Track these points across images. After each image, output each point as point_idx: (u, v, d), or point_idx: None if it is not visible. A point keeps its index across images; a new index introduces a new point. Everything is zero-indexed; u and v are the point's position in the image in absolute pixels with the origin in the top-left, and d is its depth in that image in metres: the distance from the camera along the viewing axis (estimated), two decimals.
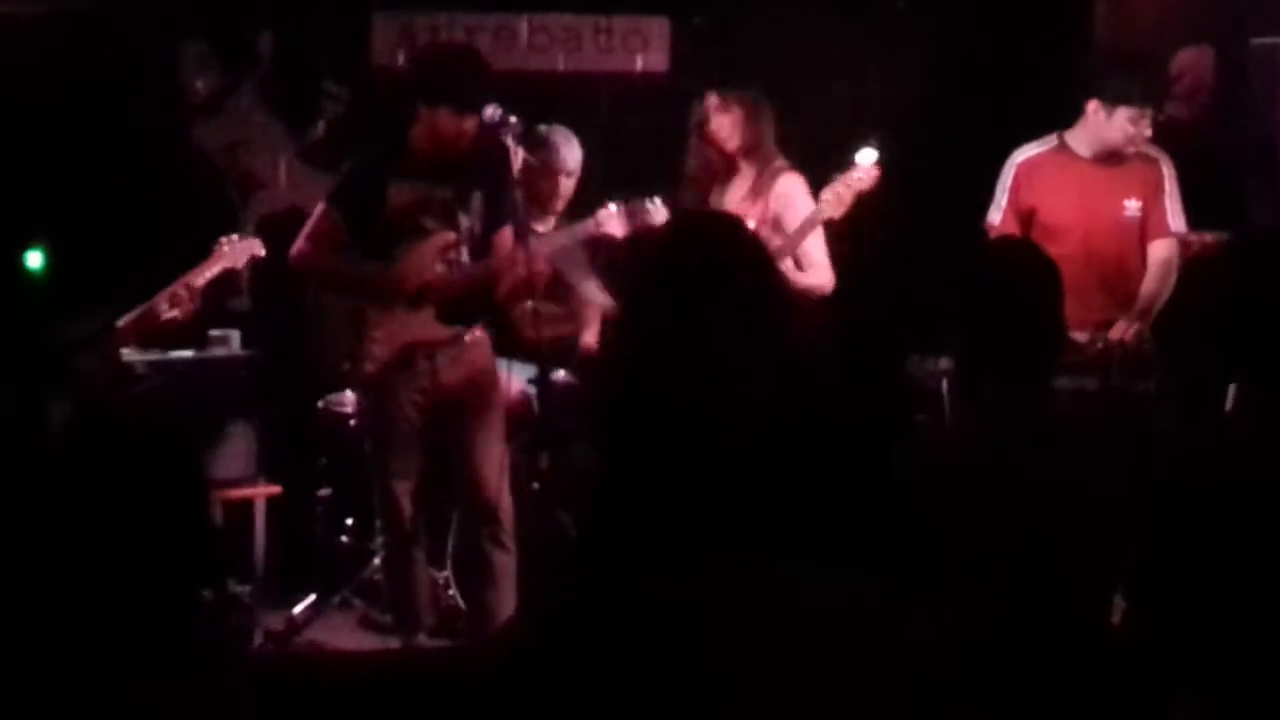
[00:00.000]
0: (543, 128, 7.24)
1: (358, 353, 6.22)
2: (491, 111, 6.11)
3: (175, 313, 6.52)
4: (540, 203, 7.19)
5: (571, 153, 7.24)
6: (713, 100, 6.92)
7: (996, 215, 6.70)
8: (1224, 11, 7.28)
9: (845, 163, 6.54)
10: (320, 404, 7.33)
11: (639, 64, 8.61)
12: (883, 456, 3.13)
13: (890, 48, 8.14)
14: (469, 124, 6.07)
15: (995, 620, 3.45)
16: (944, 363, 5.90)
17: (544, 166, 7.16)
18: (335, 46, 8.54)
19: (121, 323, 6.51)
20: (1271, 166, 6.60)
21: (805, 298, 6.59)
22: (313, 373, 7.03)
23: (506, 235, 6.29)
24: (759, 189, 6.87)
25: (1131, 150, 6.49)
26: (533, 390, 6.88)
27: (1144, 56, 7.10)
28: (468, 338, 6.27)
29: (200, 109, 8.30)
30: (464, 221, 6.20)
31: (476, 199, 6.22)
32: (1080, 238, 6.41)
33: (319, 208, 6.30)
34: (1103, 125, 6.49)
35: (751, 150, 6.91)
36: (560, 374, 7.03)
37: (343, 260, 6.23)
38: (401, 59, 8.50)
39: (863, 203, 6.52)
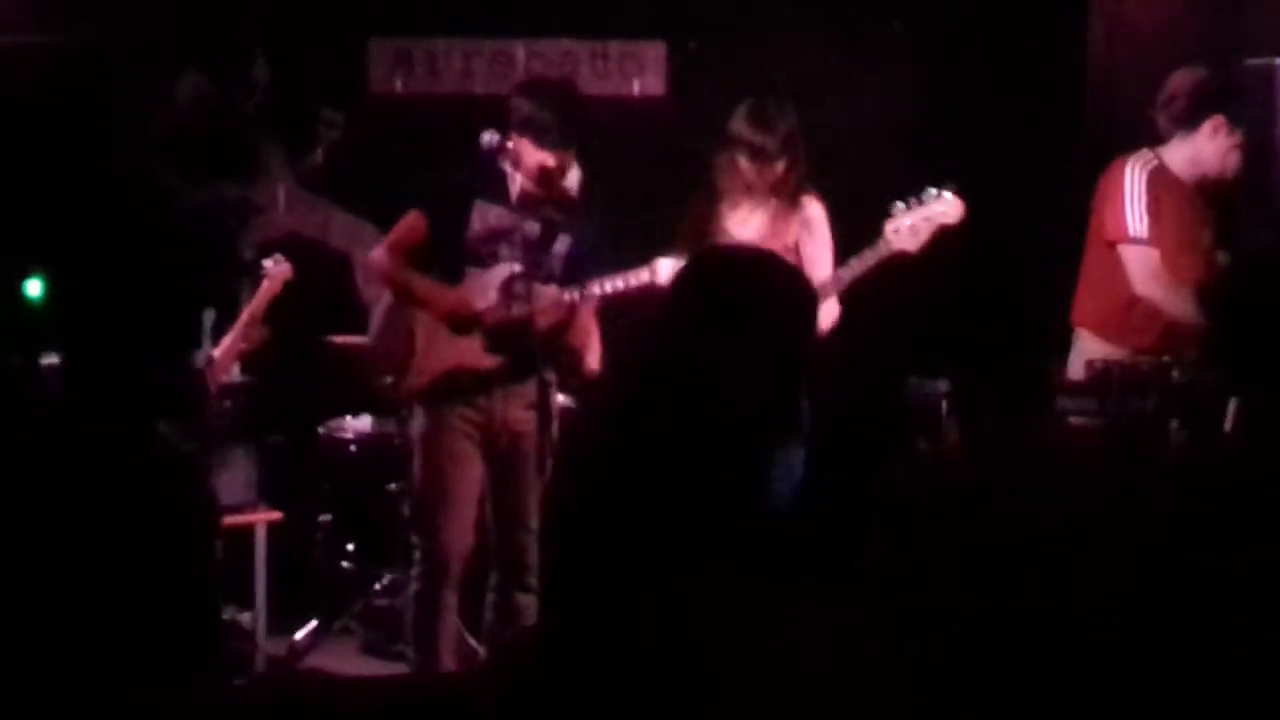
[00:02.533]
0: None
1: (406, 367, 6.09)
2: (489, 137, 6.04)
3: (245, 344, 6.59)
4: None
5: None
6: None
7: (1141, 227, 6.26)
8: (1218, 32, 7.30)
9: (908, 193, 6.23)
10: (321, 429, 7.34)
11: (636, 88, 8.63)
12: (878, 480, 3.13)
13: (887, 70, 8.15)
14: (548, 159, 5.98)
15: (986, 648, 3.46)
16: (943, 385, 5.88)
17: None
18: (332, 73, 8.56)
19: (216, 353, 6.61)
20: (1265, 187, 6.61)
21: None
22: (362, 387, 6.95)
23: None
24: (783, 212, 6.56)
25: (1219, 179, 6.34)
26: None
27: (1138, 77, 7.11)
28: (519, 374, 6.10)
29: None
30: (545, 261, 6.11)
31: (564, 243, 6.15)
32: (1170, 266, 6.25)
33: (408, 216, 6.19)
34: (1209, 147, 6.33)
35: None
36: (559, 399, 7.02)
37: (415, 274, 6.11)
38: (399, 84, 8.53)
39: (945, 238, 6.21)
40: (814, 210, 6.57)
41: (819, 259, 6.47)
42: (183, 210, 6.88)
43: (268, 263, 6.87)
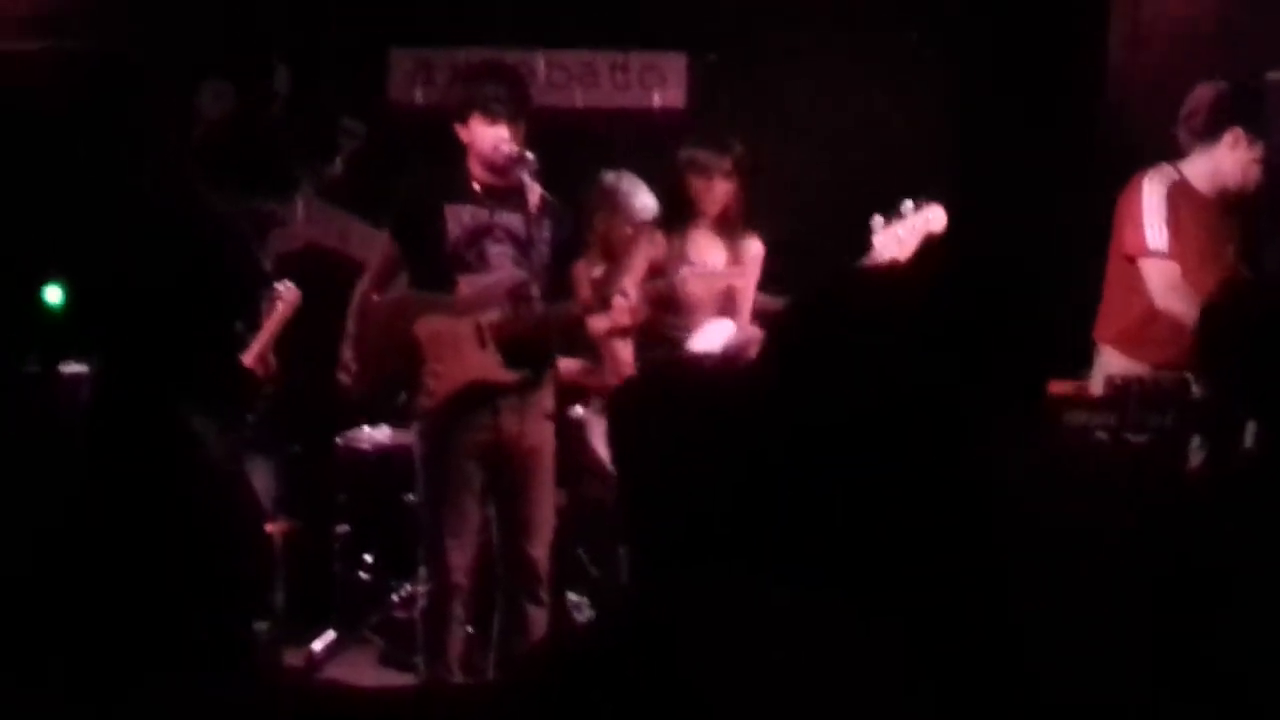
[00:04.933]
0: (610, 175, 7.22)
1: (415, 386, 6.05)
2: (508, 148, 6.05)
3: (262, 369, 6.61)
4: (606, 253, 7.08)
5: (639, 200, 7.13)
6: (724, 164, 6.61)
7: (1160, 240, 6.24)
8: (1239, 45, 7.28)
9: (893, 204, 6.29)
10: (339, 440, 7.33)
11: (656, 100, 8.64)
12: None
13: (905, 82, 8.15)
14: (503, 132, 5.95)
15: (1010, 658, 3.45)
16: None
17: (609, 216, 7.11)
18: (353, 82, 8.57)
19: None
20: None
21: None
22: (373, 404, 6.95)
23: (582, 272, 6.22)
24: (737, 252, 6.67)
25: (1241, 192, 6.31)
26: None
27: (1157, 91, 7.09)
28: (534, 383, 6.10)
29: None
30: (533, 251, 6.03)
31: (546, 227, 6.08)
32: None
33: (383, 245, 6.23)
34: (1229, 160, 6.29)
35: (730, 216, 6.68)
36: (578, 410, 7.02)
37: (405, 295, 6.11)
38: (420, 95, 8.54)
39: (931, 247, 6.25)
40: (758, 248, 6.72)
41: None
42: (210, 218, 6.88)
43: (279, 287, 6.85)
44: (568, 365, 6.67)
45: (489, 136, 5.97)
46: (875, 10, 8.33)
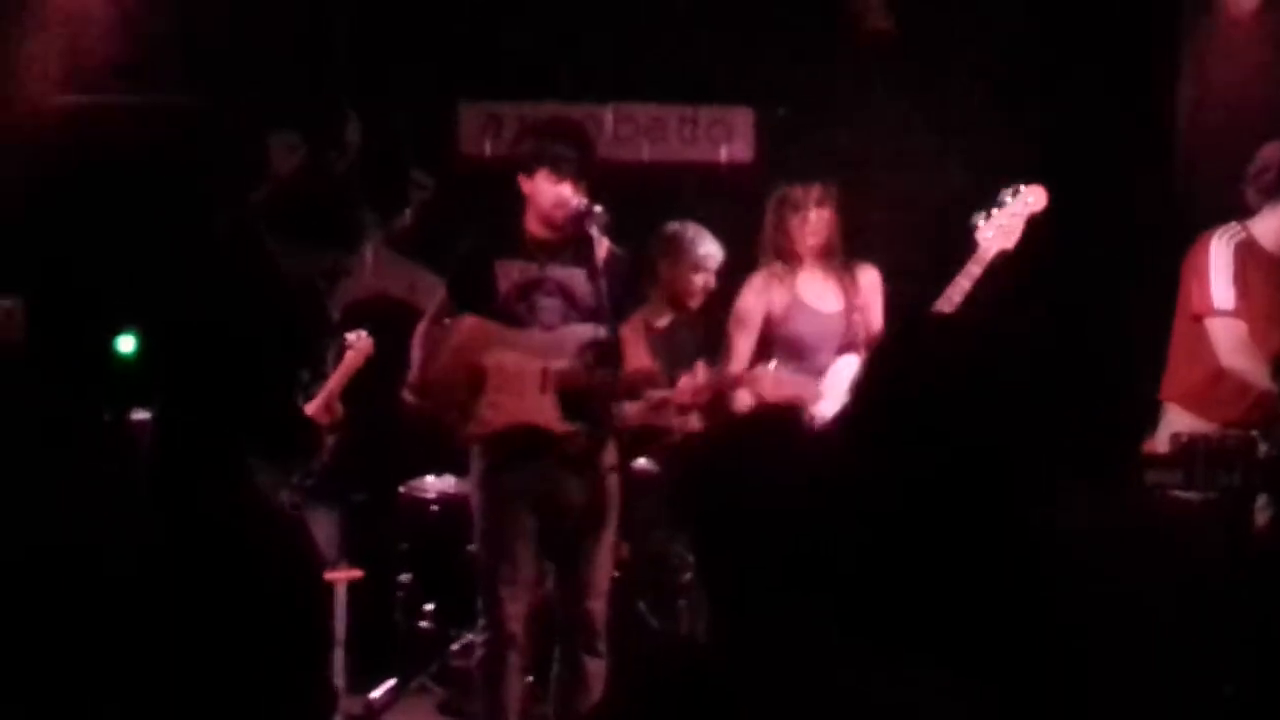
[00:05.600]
0: (674, 224, 7.25)
1: (470, 411, 6.03)
2: (576, 201, 6.07)
3: (327, 418, 6.65)
4: (672, 300, 7.17)
5: (703, 248, 7.17)
6: (814, 194, 6.76)
7: (1227, 299, 6.22)
8: None
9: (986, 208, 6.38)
10: (402, 489, 7.36)
11: (724, 154, 8.66)
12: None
13: (973, 135, 8.15)
14: (565, 190, 5.99)
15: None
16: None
17: (674, 263, 7.15)
18: (423, 135, 8.63)
19: None
20: None
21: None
22: (418, 421, 6.95)
23: (632, 340, 6.20)
24: (844, 281, 6.78)
25: None
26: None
27: (1227, 150, 7.06)
28: (591, 437, 6.07)
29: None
30: (585, 304, 6.05)
31: (579, 277, 6.07)
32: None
33: (439, 293, 6.28)
34: None
35: (832, 247, 6.81)
36: (642, 462, 7.02)
37: (482, 323, 6.09)
38: (489, 147, 8.59)
39: (1035, 227, 6.35)
40: (874, 276, 6.82)
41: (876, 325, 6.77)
42: (279, 269, 6.92)
43: (350, 336, 6.88)
44: (633, 408, 6.65)
45: (552, 193, 6.01)
46: (944, 64, 8.33)
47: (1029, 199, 6.33)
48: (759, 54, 8.53)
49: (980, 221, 6.31)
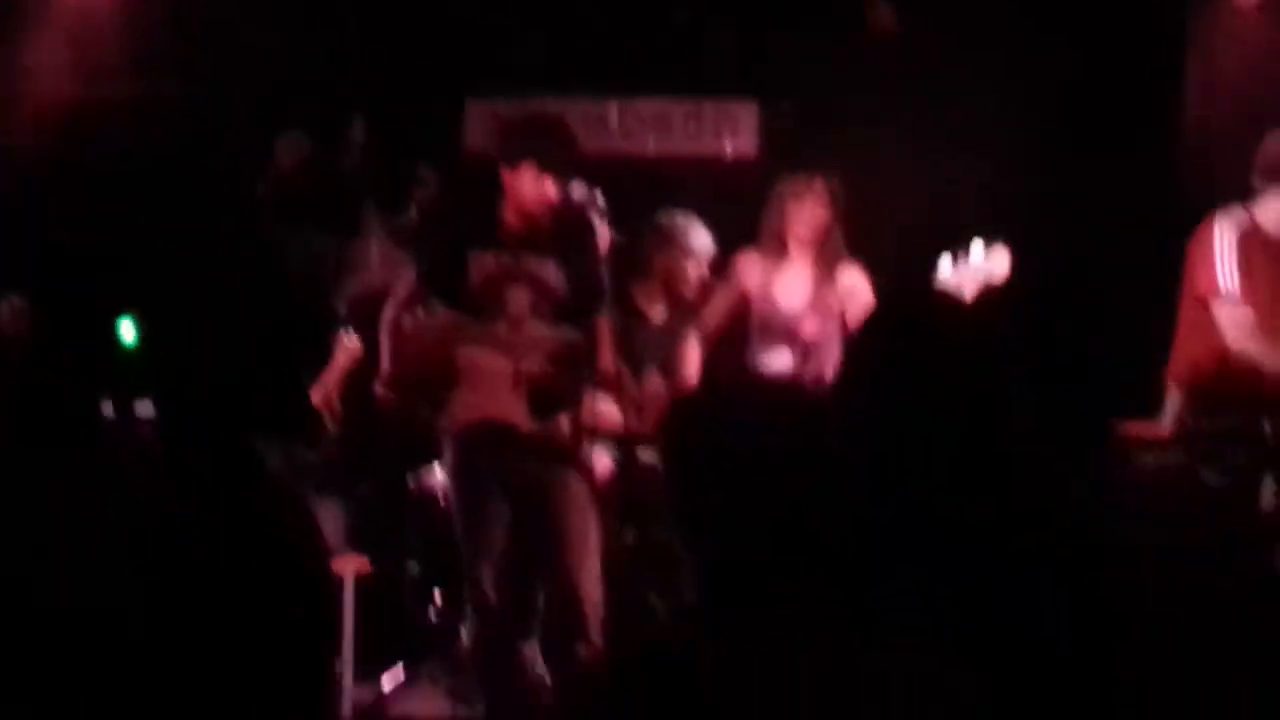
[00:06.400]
0: (666, 214, 7.26)
1: (441, 405, 6.11)
2: (578, 190, 6.09)
3: (327, 411, 6.66)
4: (666, 289, 7.20)
5: (696, 238, 7.18)
6: (816, 187, 6.86)
7: (1232, 282, 6.22)
8: None
9: (955, 248, 6.33)
10: (410, 479, 7.37)
11: (728, 148, 8.68)
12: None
13: (978, 129, 8.16)
14: (548, 186, 6.01)
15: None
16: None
17: (667, 253, 7.18)
18: (428, 132, 8.65)
19: None
20: None
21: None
22: (393, 415, 6.99)
23: (604, 328, 6.24)
24: (821, 277, 6.88)
25: None
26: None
27: (1231, 135, 7.08)
28: (559, 432, 6.14)
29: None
30: (552, 294, 6.11)
31: (552, 269, 6.12)
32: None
33: (407, 277, 6.32)
34: None
35: (822, 241, 6.89)
36: (647, 454, 7.03)
37: (456, 319, 6.14)
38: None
39: (990, 294, 6.31)
40: (855, 277, 6.87)
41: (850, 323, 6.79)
42: (283, 258, 6.96)
43: (343, 336, 6.90)
44: (608, 410, 6.67)
45: (536, 187, 6.01)
46: (947, 56, 8.35)
47: (992, 265, 6.28)
48: (763, 49, 8.56)
49: (945, 265, 6.28)
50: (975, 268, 6.27)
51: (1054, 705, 3.33)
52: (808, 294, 6.88)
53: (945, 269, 6.27)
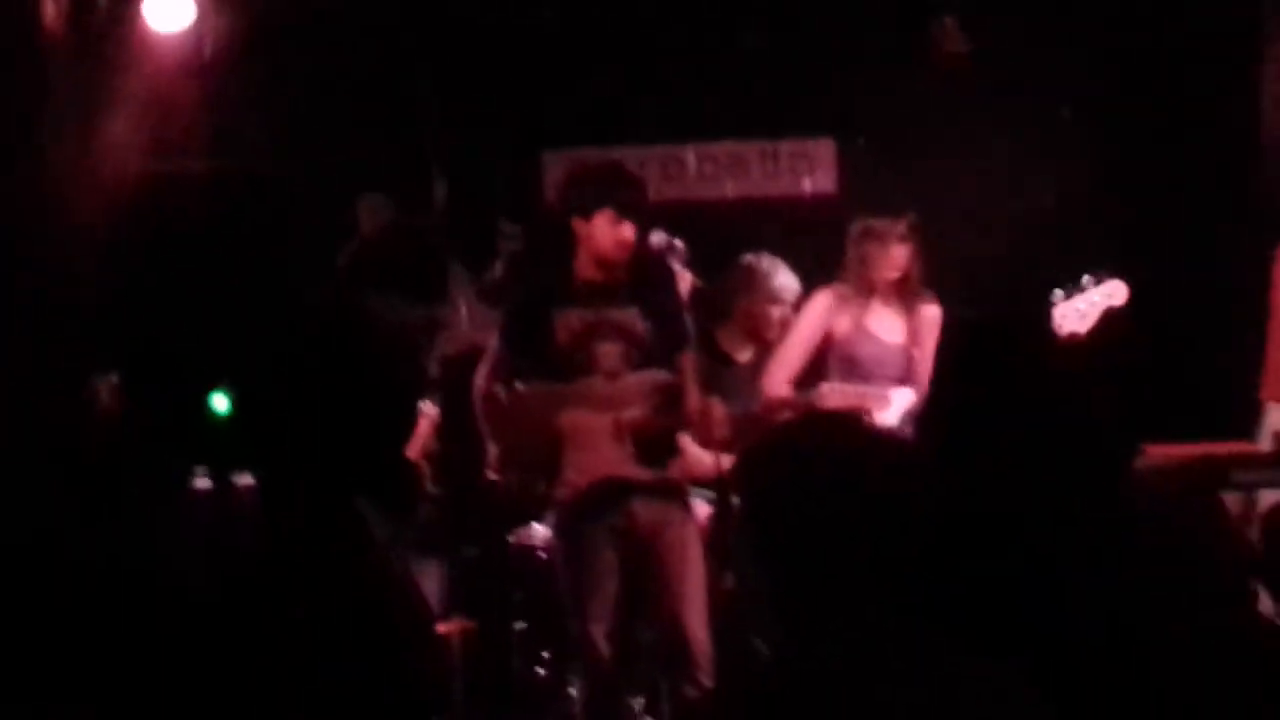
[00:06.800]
0: (748, 257, 7.29)
1: (553, 476, 6.14)
2: (657, 238, 6.14)
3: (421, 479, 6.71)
4: (750, 332, 7.22)
5: (779, 280, 7.21)
6: (899, 229, 6.85)
7: None
8: None
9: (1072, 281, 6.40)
10: (511, 538, 7.39)
11: (807, 186, 8.69)
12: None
13: (1057, 156, 8.13)
14: (626, 231, 6.02)
15: None
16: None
17: (750, 296, 7.20)
18: (509, 187, 8.69)
19: None
20: None
21: None
22: (510, 496, 7.03)
23: (688, 367, 6.26)
24: (910, 315, 6.88)
25: None
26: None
27: None
28: (666, 477, 6.20)
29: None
30: (646, 345, 6.13)
31: (636, 318, 6.14)
32: None
33: (493, 341, 6.35)
34: None
35: (909, 280, 6.89)
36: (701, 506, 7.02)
37: (550, 388, 6.16)
38: None
39: (1111, 321, 6.38)
40: (936, 313, 6.82)
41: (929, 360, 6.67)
42: (375, 328, 6.99)
43: (422, 404, 6.95)
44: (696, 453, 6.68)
45: (614, 234, 6.04)
46: (1024, 88, 8.33)
47: (1109, 293, 6.35)
48: (837, 85, 8.56)
49: (1059, 299, 6.32)
50: (1090, 300, 6.29)
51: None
52: (902, 331, 6.86)
53: (1059, 301, 6.30)
